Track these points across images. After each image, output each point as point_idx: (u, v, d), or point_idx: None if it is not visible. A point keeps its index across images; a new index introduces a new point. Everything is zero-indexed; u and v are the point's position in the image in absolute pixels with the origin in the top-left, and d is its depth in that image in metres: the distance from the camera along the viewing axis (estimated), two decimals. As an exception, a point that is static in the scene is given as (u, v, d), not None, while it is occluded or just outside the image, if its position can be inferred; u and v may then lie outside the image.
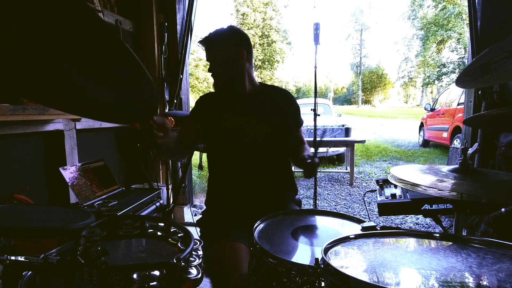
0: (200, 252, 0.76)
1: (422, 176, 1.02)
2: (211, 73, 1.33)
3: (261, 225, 0.93)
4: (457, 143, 5.75)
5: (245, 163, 1.29)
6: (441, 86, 27.62)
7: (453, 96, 6.89)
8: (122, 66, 0.58)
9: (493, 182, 0.96)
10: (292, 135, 1.40)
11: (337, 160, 6.47)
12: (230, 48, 1.29)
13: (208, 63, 1.33)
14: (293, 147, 1.38)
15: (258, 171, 1.28)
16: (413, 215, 3.32)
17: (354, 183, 4.87)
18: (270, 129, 1.31)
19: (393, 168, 1.14)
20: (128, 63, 0.57)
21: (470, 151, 2.22)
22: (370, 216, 3.37)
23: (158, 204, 2.08)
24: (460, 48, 26.49)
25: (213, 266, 1.04)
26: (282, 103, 1.38)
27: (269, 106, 1.35)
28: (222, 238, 1.08)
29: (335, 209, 3.73)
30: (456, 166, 1.05)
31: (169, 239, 0.88)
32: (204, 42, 1.32)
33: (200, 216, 1.38)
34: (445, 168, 1.07)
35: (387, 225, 0.81)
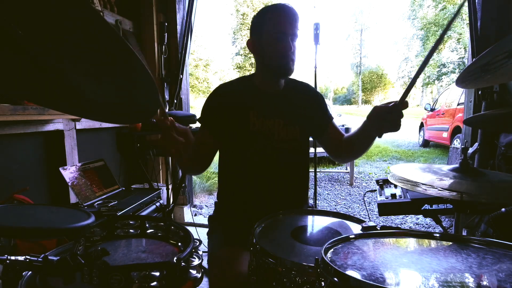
0: (200, 252, 0.76)
1: (422, 175, 1.02)
2: (280, 53, 1.12)
3: (261, 225, 0.93)
4: (457, 143, 5.75)
5: (268, 170, 1.18)
6: (441, 86, 27.63)
7: (453, 96, 6.89)
8: (123, 65, 0.58)
9: (493, 182, 0.96)
10: (324, 134, 1.28)
11: (337, 160, 6.45)
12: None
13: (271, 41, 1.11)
14: (334, 142, 1.27)
15: (280, 178, 1.19)
16: (413, 215, 3.32)
17: (354, 183, 4.87)
18: (301, 132, 1.21)
19: (393, 167, 1.14)
20: (129, 62, 0.57)
21: (470, 150, 2.22)
22: (370, 216, 3.37)
23: (158, 204, 2.09)
24: (460, 48, 26.49)
25: (213, 266, 1.04)
26: (309, 100, 1.27)
27: (298, 105, 1.22)
28: (230, 245, 1.06)
29: (335, 209, 3.73)
30: (456, 165, 1.05)
31: (169, 239, 0.88)
32: (291, 9, 1.12)
33: (212, 213, 1.30)
34: (445, 168, 1.07)
35: (387, 225, 0.81)
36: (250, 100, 1.20)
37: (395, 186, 1.73)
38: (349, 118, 16.05)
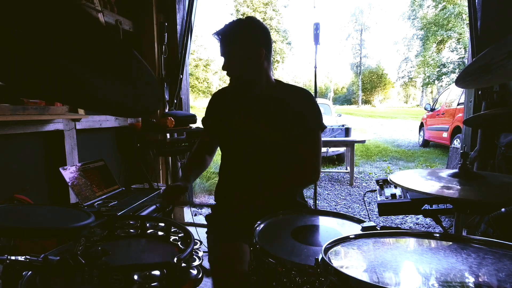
0: (200, 253, 0.76)
1: (423, 183, 1.00)
2: (226, 71, 1.23)
3: (261, 225, 0.93)
4: (457, 143, 5.75)
5: (255, 169, 1.23)
6: (441, 86, 27.64)
7: (453, 96, 6.89)
8: (123, 62, 0.59)
9: (493, 186, 0.96)
10: (303, 141, 1.21)
11: (337, 160, 6.47)
12: (247, 44, 1.17)
13: (222, 59, 1.22)
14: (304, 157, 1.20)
15: (264, 178, 1.18)
16: (413, 215, 3.32)
17: (354, 183, 4.87)
18: (285, 135, 1.22)
19: (392, 176, 1.10)
20: (128, 59, 0.57)
21: (471, 155, 2.21)
22: (370, 216, 3.37)
23: (158, 204, 2.08)
24: (460, 48, 26.49)
25: (215, 266, 1.04)
26: (299, 106, 1.23)
27: (285, 110, 1.23)
28: (228, 240, 1.07)
29: (335, 209, 3.73)
30: (456, 170, 1.05)
31: (169, 239, 0.88)
32: (219, 34, 1.19)
33: (209, 212, 1.36)
34: (445, 173, 1.06)
35: (387, 225, 0.81)
36: (238, 102, 1.30)
37: (395, 186, 1.73)
38: (349, 118, 16.06)
